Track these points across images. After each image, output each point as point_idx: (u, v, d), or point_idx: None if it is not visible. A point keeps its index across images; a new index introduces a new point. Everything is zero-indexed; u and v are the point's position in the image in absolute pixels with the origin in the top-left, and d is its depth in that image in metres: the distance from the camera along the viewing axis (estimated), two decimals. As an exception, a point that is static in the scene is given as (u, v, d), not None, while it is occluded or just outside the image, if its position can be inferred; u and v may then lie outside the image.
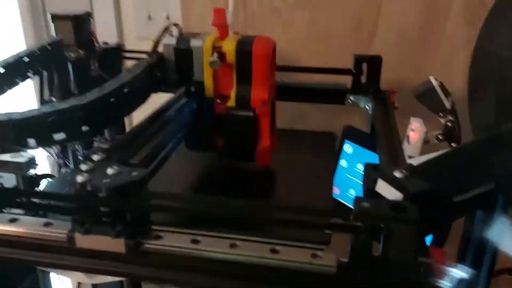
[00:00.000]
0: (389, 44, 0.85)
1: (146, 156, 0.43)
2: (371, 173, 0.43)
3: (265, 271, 0.34)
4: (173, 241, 0.36)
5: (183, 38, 0.53)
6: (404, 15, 0.83)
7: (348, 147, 0.78)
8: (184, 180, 0.57)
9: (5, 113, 0.41)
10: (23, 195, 0.38)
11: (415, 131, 0.50)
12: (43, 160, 0.78)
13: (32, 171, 0.54)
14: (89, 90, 0.73)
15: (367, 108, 0.73)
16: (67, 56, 0.70)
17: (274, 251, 0.35)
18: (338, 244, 0.40)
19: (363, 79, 0.74)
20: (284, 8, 0.88)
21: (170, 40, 0.53)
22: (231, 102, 0.53)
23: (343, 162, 0.76)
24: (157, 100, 0.56)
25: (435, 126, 0.55)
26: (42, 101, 0.71)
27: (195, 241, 0.36)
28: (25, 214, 0.52)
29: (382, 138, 0.56)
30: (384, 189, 0.37)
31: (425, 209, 0.33)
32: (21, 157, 0.53)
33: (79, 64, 0.72)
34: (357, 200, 0.33)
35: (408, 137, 0.52)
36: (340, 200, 0.75)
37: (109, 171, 0.36)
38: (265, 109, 0.52)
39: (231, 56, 0.51)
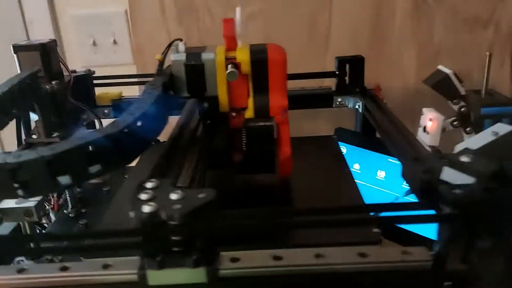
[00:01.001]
0: (344, 46, 0.88)
1: (192, 178, 0.40)
2: (418, 164, 0.43)
3: (358, 276, 0.33)
4: (252, 261, 0.34)
5: (191, 52, 0.51)
6: (354, 17, 0.87)
7: (342, 148, 0.78)
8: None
9: (33, 151, 0.36)
10: (73, 238, 0.34)
11: (433, 120, 0.51)
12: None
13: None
14: (68, 122, 0.68)
15: (357, 107, 0.74)
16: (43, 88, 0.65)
17: (362, 255, 0.34)
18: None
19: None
20: (237, 21, 0.88)
21: (178, 56, 0.51)
22: (249, 113, 0.51)
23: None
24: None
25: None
26: (20, 141, 0.65)
27: (277, 258, 0.34)
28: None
29: (393, 133, 0.56)
30: (452, 176, 0.37)
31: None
32: (28, 202, 0.48)
33: (54, 96, 0.67)
34: (446, 188, 0.33)
35: (425, 127, 0.52)
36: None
37: (173, 196, 0.33)
38: (286, 116, 0.51)
39: (246, 66, 0.50)
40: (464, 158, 0.37)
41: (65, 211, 0.60)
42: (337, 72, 0.75)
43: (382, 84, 0.88)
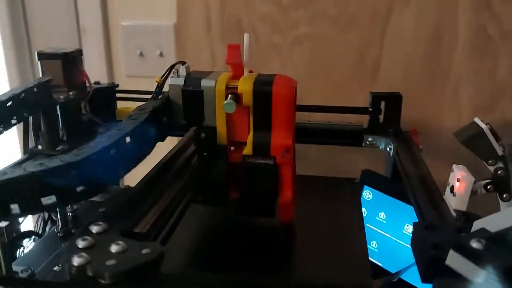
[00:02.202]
0: (394, 80, 0.80)
1: (155, 222, 0.35)
2: (427, 235, 0.36)
3: None
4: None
5: (191, 77, 0.46)
6: (408, 49, 0.78)
7: (367, 193, 0.71)
8: (192, 242, 0.49)
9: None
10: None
11: (461, 180, 0.43)
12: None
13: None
14: (80, 136, 0.66)
15: (389, 150, 0.67)
16: (56, 98, 0.63)
17: None
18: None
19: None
20: (283, 45, 0.83)
21: (176, 80, 0.46)
22: (248, 150, 0.46)
23: (362, 210, 0.69)
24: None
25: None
26: (26, 150, 0.63)
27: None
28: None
29: (417, 187, 0.49)
30: (458, 263, 0.29)
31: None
32: (-1, 221, 0.45)
33: (69, 107, 0.64)
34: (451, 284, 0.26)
35: (452, 187, 0.45)
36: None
37: (113, 248, 0.29)
38: (288, 157, 0.45)
39: (247, 98, 0.45)
40: (475, 244, 0.29)
41: (55, 229, 0.57)
42: (370, 109, 0.68)
43: (433, 124, 0.80)
